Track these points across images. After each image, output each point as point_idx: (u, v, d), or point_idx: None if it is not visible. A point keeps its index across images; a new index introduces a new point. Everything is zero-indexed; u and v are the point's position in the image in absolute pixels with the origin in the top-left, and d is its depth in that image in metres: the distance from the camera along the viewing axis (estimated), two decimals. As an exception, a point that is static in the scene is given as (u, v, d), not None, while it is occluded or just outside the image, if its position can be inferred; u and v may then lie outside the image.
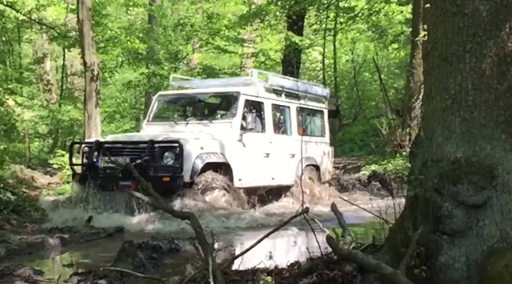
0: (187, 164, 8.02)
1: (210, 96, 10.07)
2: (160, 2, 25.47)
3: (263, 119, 9.56)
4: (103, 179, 8.25)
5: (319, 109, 11.21)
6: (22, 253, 5.72)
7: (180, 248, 5.71)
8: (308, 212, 3.83)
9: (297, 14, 17.39)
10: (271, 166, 9.54)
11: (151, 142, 8.08)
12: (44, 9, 20.87)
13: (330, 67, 23.24)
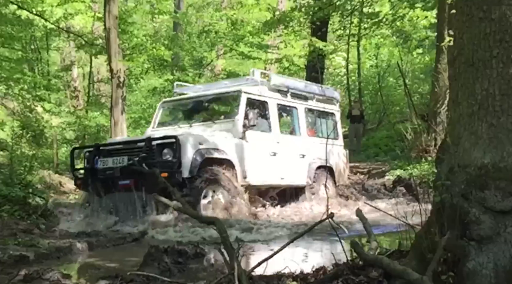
0: (186, 159, 7.86)
1: (212, 98, 9.92)
2: (185, 10, 25.69)
3: (268, 118, 9.49)
4: (103, 180, 8.19)
5: (330, 112, 11.10)
6: (50, 257, 5.78)
7: (206, 253, 5.72)
8: (333, 217, 3.82)
9: (321, 20, 17.40)
10: (279, 165, 9.42)
11: (148, 140, 8.09)
12: (72, 17, 21.16)
13: (354, 72, 23.17)
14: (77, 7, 20.70)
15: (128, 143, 8.52)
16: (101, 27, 20.57)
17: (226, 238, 3.86)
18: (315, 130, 10.64)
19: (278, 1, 25.38)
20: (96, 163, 8.28)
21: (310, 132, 10.35)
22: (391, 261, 3.24)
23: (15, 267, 5.06)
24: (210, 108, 9.96)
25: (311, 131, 10.45)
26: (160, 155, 7.86)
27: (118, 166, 8.00)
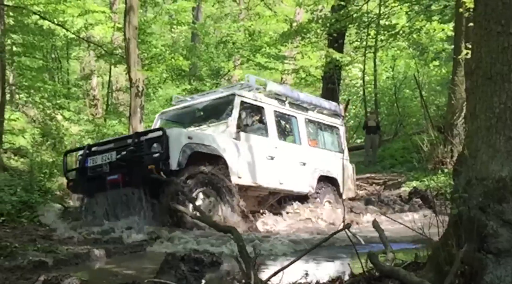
0: (174, 152, 7.69)
1: (207, 104, 9.76)
2: (203, 21, 25.87)
3: (265, 124, 9.38)
4: (92, 178, 8.10)
5: (333, 125, 11.05)
6: (69, 263, 5.79)
7: (222, 262, 5.73)
8: (350, 227, 3.81)
9: (337, 32, 17.44)
10: (277, 170, 9.26)
11: (136, 134, 8.11)
12: (92, 28, 21.44)
13: (371, 83, 23.12)
14: (98, 17, 20.98)
15: (118, 140, 8.46)
16: (121, 37, 20.78)
17: (243, 247, 3.87)
18: (316, 142, 10.54)
19: (295, 12, 25.45)
20: (86, 162, 8.23)
21: (311, 143, 10.26)
22: (407, 272, 3.23)
23: (34, 273, 5.11)
24: (206, 114, 9.79)
25: (312, 141, 10.35)
26: (150, 149, 7.76)
27: (106, 161, 7.95)
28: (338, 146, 10.97)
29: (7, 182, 8.83)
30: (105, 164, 7.92)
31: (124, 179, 7.66)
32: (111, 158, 7.91)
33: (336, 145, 10.97)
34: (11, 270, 5.26)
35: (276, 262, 5.80)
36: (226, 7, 26.94)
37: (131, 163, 7.66)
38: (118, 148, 8.00)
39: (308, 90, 26.35)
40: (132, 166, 7.64)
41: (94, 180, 8.04)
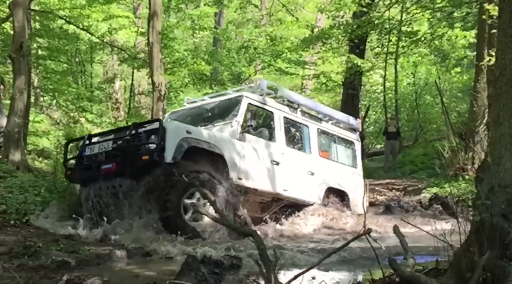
0: (170, 145, 7.42)
1: (215, 104, 9.58)
2: (225, 26, 25.97)
3: (273, 128, 9.14)
4: (88, 166, 7.93)
5: (349, 139, 10.67)
6: (91, 263, 5.82)
7: (242, 264, 5.73)
8: (370, 233, 3.80)
9: (359, 38, 17.38)
10: (282, 175, 8.94)
11: (133, 124, 7.95)
12: (116, 32, 21.65)
13: (391, 89, 22.99)
14: (121, 22, 21.19)
15: (118, 131, 8.34)
16: (144, 41, 20.96)
17: (264, 250, 3.86)
18: (328, 153, 10.18)
19: (317, 18, 25.44)
20: (84, 151, 8.11)
21: (322, 154, 9.91)
22: (428, 279, 3.21)
23: (57, 272, 5.16)
24: (214, 115, 9.57)
25: (323, 153, 9.99)
26: (147, 140, 7.58)
27: (103, 150, 7.80)
28: (352, 161, 10.59)
29: (31, 182, 8.91)
30: (101, 153, 7.78)
31: (118, 168, 7.52)
32: (107, 147, 7.79)
33: (350, 159, 10.57)
34: (35, 269, 5.32)
35: (296, 265, 5.78)
36: (248, 12, 27.01)
37: (126, 152, 7.54)
38: (115, 138, 7.90)
39: (328, 95, 26.36)
40: (127, 156, 7.50)
41: (90, 168, 7.89)
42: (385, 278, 3.62)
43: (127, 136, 7.62)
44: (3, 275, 4.99)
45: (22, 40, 9.80)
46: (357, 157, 10.68)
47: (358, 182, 10.44)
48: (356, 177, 10.46)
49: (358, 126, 10.94)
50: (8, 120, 9.96)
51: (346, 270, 5.78)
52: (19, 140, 9.81)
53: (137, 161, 7.36)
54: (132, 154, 7.49)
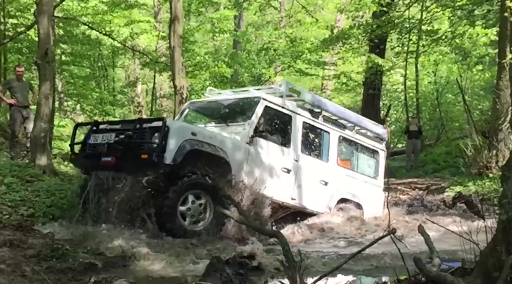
0: (171, 145, 7.18)
1: (233, 102, 9.24)
2: (244, 28, 26.03)
3: (289, 133, 8.73)
4: (90, 155, 7.78)
5: (373, 149, 10.15)
6: (117, 265, 5.83)
7: (267, 265, 5.73)
8: (395, 232, 3.78)
9: (379, 38, 17.29)
10: (291, 184, 8.57)
11: (139, 120, 7.76)
12: (137, 37, 21.85)
13: (412, 88, 22.82)
14: (143, 27, 21.41)
15: (126, 123, 8.12)
16: (165, 45, 21.12)
17: (288, 251, 3.86)
18: (348, 162, 9.73)
19: (336, 19, 25.36)
20: (89, 138, 7.94)
21: (341, 163, 9.49)
22: (455, 278, 3.18)
23: (84, 274, 5.21)
24: (231, 112, 9.29)
25: (343, 161, 9.57)
26: (151, 137, 7.32)
27: (105, 142, 7.60)
28: (373, 171, 10.09)
29: (57, 186, 9.02)
30: (104, 144, 7.59)
31: (116, 162, 7.33)
32: (110, 139, 7.57)
33: (371, 170, 10.07)
34: (62, 271, 5.37)
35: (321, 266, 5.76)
36: (267, 14, 27.04)
37: (127, 148, 7.35)
38: (120, 130, 7.64)
39: (348, 95, 26.26)
40: (127, 152, 7.32)
41: (92, 157, 7.76)
42: (410, 278, 3.59)
43: (130, 131, 7.43)
44: (32, 277, 5.06)
45: (47, 47, 9.93)
46: (379, 168, 10.18)
47: (376, 194, 9.98)
48: (375, 189, 10.00)
49: (385, 135, 10.50)
50: (34, 125, 10.10)
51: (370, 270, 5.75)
52: (45, 145, 9.94)
53: (136, 158, 7.18)
54: (132, 150, 7.34)
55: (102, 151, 7.55)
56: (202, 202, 7.35)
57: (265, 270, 5.71)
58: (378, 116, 18.87)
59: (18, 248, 6.14)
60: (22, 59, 18.95)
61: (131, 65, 27.21)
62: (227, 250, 6.40)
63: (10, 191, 7.97)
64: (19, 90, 11.25)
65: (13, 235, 6.80)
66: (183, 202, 7.25)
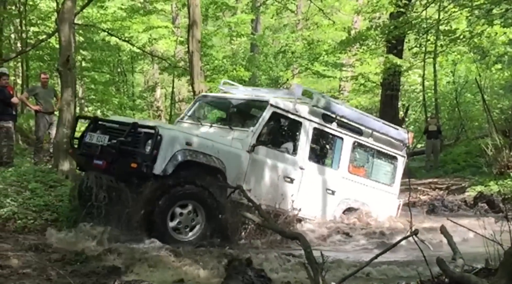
0: (162, 156, 6.80)
1: (241, 102, 8.78)
2: (262, 32, 26.08)
3: (297, 140, 8.20)
4: (84, 154, 7.54)
5: (392, 155, 9.44)
6: (139, 267, 5.87)
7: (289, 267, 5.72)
8: (417, 233, 3.75)
9: (396, 39, 17.20)
10: (293, 194, 8.03)
11: (133, 124, 7.16)
12: (156, 42, 22.03)
13: (430, 89, 22.66)
14: (161, 32, 21.58)
15: (122, 124, 7.58)
16: (183, 50, 21.25)
17: (310, 253, 3.86)
18: (362, 169, 9.17)
19: (353, 21, 25.30)
20: (85, 135, 7.65)
21: (354, 170, 8.96)
22: (479, 279, 3.15)
23: (108, 278, 5.24)
24: (239, 113, 8.88)
25: (356, 169, 9.04)
26: (144, 144, 6.94)
27: (99, 143, 7.27)
28: (389, 178, 9.46)
29: (80, 191, 9.10)
30: (97, 146, 7.26)
31: (108, 167, 7.04)
32: (104, 141, 7.23)
33: (387, 177, 9.44)
34: (87, 275, 5.41)
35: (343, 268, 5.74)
36: (284, 18, 27.04)
37: (119, 153, 6.97)
38: (114, 133, 7.28)
39: (366, 96, 26.12)
40: (118, 158, 6.96)
41: (85, 156, 7.54)
42: (433, 279, 3.56)
43: (124, 137, 7.02)
44: (57, 281, 5.12)
45: (68, 53, 10.02)
46: (396, 174, 9.53)
47: (390, 202, 9.38)
48: (388, 196, 9.39)
49: (408, 140, 9.71)
50: (57, 131, 10.20)
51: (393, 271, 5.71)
52: (67, 151, 10.04)
53: (126, 166, 6.84)
54: (123, 156, 6.96)
55: (95, 153, 7.26)
56: (193, 211, 7.03)
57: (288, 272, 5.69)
58: (396, 117, 18.77)
59: (43, 252, 6.21)
60: (44, 67, 19.21)
61: (150, 70, 27.41)
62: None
63: (34, 196, 8.05)
64: (44, 97, 11.38)
65: (38, 240, 6.90)
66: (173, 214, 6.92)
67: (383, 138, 9.27)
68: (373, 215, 8.93)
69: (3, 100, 10.46)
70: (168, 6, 24.68)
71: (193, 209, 7.00)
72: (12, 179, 8.69)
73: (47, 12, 20.23)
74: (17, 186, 8.45)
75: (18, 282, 4.93)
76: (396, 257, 6.43)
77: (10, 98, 10.50)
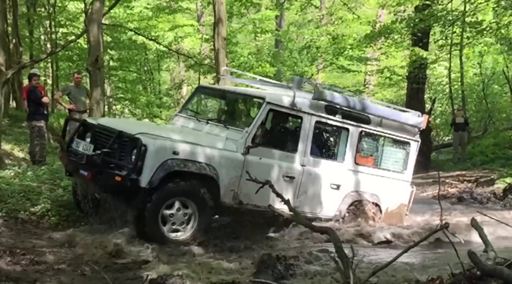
0: (148, 167, 6.44)
1: (238, 97, 8.39)
2: (286, 28, 26.03)
3: (297, 137, 7.73)
4: (70, 161, 7.25)
5: (404, 140, 8.90)
6: (170, 262, 5.89)
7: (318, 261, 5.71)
8: (448, 227, 3.71)
9: (422, 31, 16.99)
10: (293, 192, 7.63)
11: (118, 134, 6.74)
12: (182, 40, 22.15)
13: (457, 81, 22.35)
14: (187, 30, 21.69)
15: (108, 131, 7.09)
16: (208, 47, 21.31)
17: (340, 247, 3.85)
18: (371, 159, 8.68)
19: (377, 14, 25.08)
20: (72, 141, 7.39)
21: (361, 160, 8.48)
22: (511, 271, 3.10)
23: (140, 272, 5.32)
24: (233, 109, 8.50)
25: (364, 159, 8.56)
26: (129, 155, 6.59)
27: (85, 153, 6.97)
28: (401, 165, 8.95)
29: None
30: (82, 155, 6.96)
31: (93, 178, 6.74)
32: (89, 151, 6.93)
33: (399, 164, 8.94)
34: (119, 270, 5.49)
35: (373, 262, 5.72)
36: (308, 13, 26.94)
37: (103, 165, 6.66)
38: (100, 141, 6.96)
39: (392, 90, 25.89)
40: (102, 170, 6.65)
41: (72, 163, 7.25)
42: (465, 272, 3.51)
43: (107, 148, 6.70)
44: (91, 276, 5.20)
45: (97, 53, 10.15)
46: (409, 160, 9.00)
47: (401, 189, 8.93)
48: (400, 184, 8.93)
49: (422, 124, 9.05)
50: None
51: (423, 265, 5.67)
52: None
53: (110, 179, 6.53)
54: (107, 168, 6.65)
55: (80, 162, 6.96)
56: (187, 211, 6.81)
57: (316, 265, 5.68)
58: (423, 110, 18.54)
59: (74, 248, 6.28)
60: (73, 67, 19.48)
61: (176, 68, 27.57)
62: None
63: (66, 194, 8.18)
64: (77, 96, 11.52)
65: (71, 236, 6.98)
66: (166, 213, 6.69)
67: (394, 124, 8.70)
68: (383, 205, 8.58)
69: (34, 100, 10.62)
70: (193, 4, 24.80)
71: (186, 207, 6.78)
72: (45, 177, 8.86)
73: (75, 13, 20.52)
74: (50, 183, 8.61)
75: (54, 277, 5.03)
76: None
77: (41, 98, 10.65)
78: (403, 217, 8.90)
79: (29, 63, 13.71)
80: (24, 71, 14.63)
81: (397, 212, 8.81)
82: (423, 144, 9.80)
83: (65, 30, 20.25)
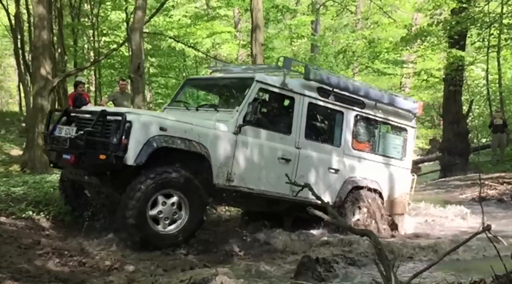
0: (133, 144, 6.10)
1: (227, 82, 8.02)
2: (322, 33, 25.96)
3: (290, 118, 7.40)
4: (53, 149, 6.88)
5: (401, 126, 8.64)
6: (213, 261, 5.89)
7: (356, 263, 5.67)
8: (490, 229, 3.62)
9: (458, 34, 16.72)
10: (290, 175, 7.00)
11: (101, 112, 6.43)
12: (219, 46, 22.28)
13: (494, 83, 21.88)
14: (224, 37, 21.82)
15: (91, 113, 6.82)
16: (245, 53, 21.41)
17: (381, 250, 3.80)
18: (368, 145, 8.33)
19: (413, 18, 24.78)
20: (55, 129, 6.95)
21: (358, 145, 8.14)
22: (557, 274, 3.01)
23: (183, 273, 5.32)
24: (222, 93, 8.19)
25: (361, 144, 8.22)
26: (114, 134, 6.21)
27: (67, 136, 6.60)
28: (400, 151, 8.64)
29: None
30: (65, 139, 6.58)
31: (76, 161, 6.40)
32: (71, 134, 6.57)
33: (397, 150, 8.62)
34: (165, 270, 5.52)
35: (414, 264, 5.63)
36: (343, 18, 26.81)
37: (86, 145, 6.31)
38: (82, 123, 6.64)
39: (428, 92, 25.51)
40: (86, 150, 6.31)
41: (55, 151, 6.89)
42: (509, 274, 3.43)
43: (91, 127, 6.37)
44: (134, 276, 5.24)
45: (139, 61, 10.31)
46: (407, 147, 8.72)
47: (402, 177, 8.63)
48: (400, 171, 8.60)
49: (417, 110, 8.77)
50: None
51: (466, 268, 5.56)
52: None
53: (94, 159, 6.21)
54: (91, 148, 6.31)
55: (63, 147, 6.62)
56: (174, 201, 6.37)
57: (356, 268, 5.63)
58: (460, 112, 18.28)
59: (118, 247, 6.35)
60: (115, 74, 19.84)
61: (213, 74, 27.73)
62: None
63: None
64: (122, 102, 11.73)
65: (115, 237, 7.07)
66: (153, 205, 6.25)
67: (389, 109, 8.43)
68: (384, 192, 8.27)
69: (79, 107, 10.86)
70: (230, 11, 24.96)
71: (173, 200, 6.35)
72: (90, 181, 8.99)
73: (117, 23, 20.89)
74: (95, 186, 8.75)
75: (101, 278, 5.08)
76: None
77: (86, 105, 10.89)
78: (406, 206, 8.61)
79: (74, 71, 14.04)
80: (69, 79, 14.97)
81: (399, 200, 8.53)
82: (460, 146, 9.68)
83: (107, 39, 20.65)
